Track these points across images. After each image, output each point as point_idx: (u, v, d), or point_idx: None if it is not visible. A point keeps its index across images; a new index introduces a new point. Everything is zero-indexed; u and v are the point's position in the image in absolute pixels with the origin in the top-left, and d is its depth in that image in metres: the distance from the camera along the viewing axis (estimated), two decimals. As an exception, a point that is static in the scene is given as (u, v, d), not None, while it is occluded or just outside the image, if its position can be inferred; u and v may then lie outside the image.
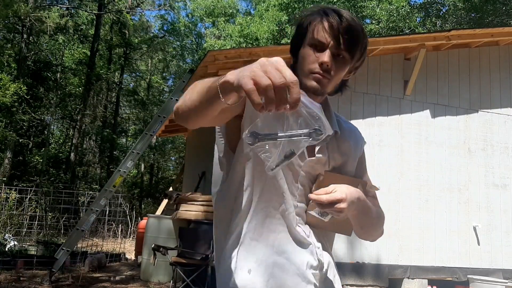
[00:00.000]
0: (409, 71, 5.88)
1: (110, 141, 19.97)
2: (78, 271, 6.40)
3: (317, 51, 1.10)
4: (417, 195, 5.80)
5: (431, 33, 6.33)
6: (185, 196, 5.79)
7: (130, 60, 22.15)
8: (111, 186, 5.72)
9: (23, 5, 13.77)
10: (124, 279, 6.07)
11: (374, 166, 5.67)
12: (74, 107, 18.16)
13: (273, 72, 0.75)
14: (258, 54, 5.05)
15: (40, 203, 10.59)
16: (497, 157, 6.26)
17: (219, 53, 5.15)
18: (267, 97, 0.74)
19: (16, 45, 16.07)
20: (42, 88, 17.11)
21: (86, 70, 17.40)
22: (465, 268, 5.76)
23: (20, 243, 8.01)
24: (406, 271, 5.53)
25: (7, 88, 12.04)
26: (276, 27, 18.73)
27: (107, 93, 22.26)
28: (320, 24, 1.10)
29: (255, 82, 0.74)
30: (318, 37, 1.10)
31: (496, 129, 6.31)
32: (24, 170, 16.03)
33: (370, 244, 5.49)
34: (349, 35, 1.08)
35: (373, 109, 5.79)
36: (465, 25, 14.46)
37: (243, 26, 19.49)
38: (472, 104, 6.26)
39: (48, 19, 15.31)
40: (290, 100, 0.75)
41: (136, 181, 22.17)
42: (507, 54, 6.60)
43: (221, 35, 22.09)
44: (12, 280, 5.43)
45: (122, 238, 10.79)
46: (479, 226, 5.94)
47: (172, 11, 25.20)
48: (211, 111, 0.95)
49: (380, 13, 15.95)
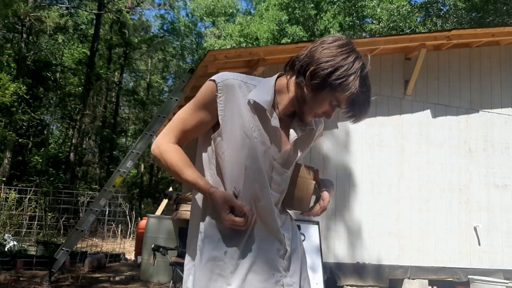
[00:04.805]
0: (410, 71, 5.86)
1: (109, 141, 19.97)
2: (77, 271, 6.38)
3: (331, 107, 1.30)
4: (418, 195, 5.79)
5: (432, 33, 6.31)
6: (185, 196, 5.78)
7: (130, 59, 22.13)
8: (111, 186, 5.70)
9: (22, 4, 13.75)
10: (124, 280, 6.05)
11: (375, 166, 5.66)
12: (73, 107, 18.15)
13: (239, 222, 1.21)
14: (258, 53, 5.03)
15: (39, 203, 10.57)
16: (498, 157, 6.24)
17: (219, 53, 5.14)
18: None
19: (15, 45, 16.06)
20: (41, 88, 17.09)
21: (86, 69, 17.39)
22: (466, 269, 5.74)
23: (19, 243, 7.99)
24: (407, 272, 5.51)
25: (6, 88, 12.01)
26: (276, 26, 18.71)
27: (107, 93, 22.25)
28: (351, 97, 1.25)
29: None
30: (340, 104, 1.28)
31: (497, 129, 6.30)
32: (23, 170, 16.01)
33: (370, 245, 5.47)
34: (365, 115, 1.31)
35: (373, 109, 5.76)
36: (465, 25, 14.44)
37: (243, 25, 19.48)
38: (472, 104, 6.25)
39: (47, 18, 15.30)
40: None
41: (136, 181, 22.16)
42: (508, 54, 6.58)
43: (221, 35, 22.08)
44: (11, 281, 5.42)
45: (122, 238, 10.78)
46: (480, 226, 5.93)
47: (172, 11, 25.21)
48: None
49: (381, 13, 15.94)
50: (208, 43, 21.13)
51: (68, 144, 19.65)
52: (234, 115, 1.28)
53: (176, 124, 1.34)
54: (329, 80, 1.22)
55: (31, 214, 9.45)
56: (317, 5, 18.58)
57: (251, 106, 1.29)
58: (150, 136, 5.84)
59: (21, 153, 16.39)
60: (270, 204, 1.29)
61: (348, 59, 1.22)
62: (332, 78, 1.21)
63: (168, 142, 1.32)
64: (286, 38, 18.20)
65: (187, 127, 1.33)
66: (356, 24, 18.42)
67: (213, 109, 1.29)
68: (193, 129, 1.33)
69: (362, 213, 5.51)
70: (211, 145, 1.33)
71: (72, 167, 16.86)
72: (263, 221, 1.29)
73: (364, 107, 1.28)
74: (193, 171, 1.28)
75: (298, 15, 19.00)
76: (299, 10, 18.87)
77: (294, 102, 1.32)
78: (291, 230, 1.37)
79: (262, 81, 1.35)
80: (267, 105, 1.28)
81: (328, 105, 1.28)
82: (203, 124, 1.32)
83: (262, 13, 20.14)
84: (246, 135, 1.27)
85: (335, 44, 1.24)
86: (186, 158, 1.30)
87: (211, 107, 1.29)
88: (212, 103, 1.28)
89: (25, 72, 15.05)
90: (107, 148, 20.72)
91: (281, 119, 1.33)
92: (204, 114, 1.30)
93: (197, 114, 1.31)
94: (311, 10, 18.68)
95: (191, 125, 1.32)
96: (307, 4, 18.62)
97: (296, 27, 18.31)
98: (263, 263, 1.26)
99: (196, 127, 1.33)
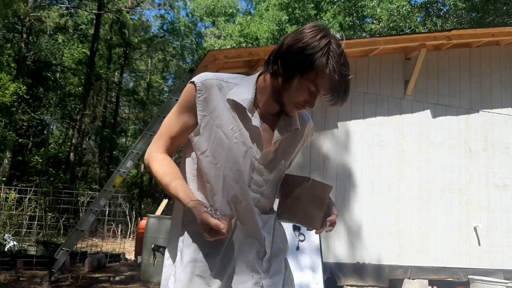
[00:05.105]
0: (410, 71, 5.86)
1: (109, 141, 19.97)
2: (77, 271, 6.38)
3: (309, 95, 1.22)
4: (418, 195, 5.79)
5: (432, 33, 6.31)
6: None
7: (129, 59, 22.14)
8: (111, 186, 5.70)
9: (22, 4, 13.75)
10: (124, 280, 6.05)
11: (375, 166, 5.66)
12: (73, 107, 18.15)
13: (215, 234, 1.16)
14: (258, 53, 5.03)
15: (39, 203, 10.57)
16: (498, 157, 6.24)
17: (219, 53, 5.14)
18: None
19: (15, 45, 16.06)
20: (41, 88, 17.10)
21: (86, 70, 17.39)
22: (466, 269, 5.74)
23: (19, 243, 7.99)
24: (407, 272, 5.51)
25: (6, 88, 12.01)
26: (276, 26, 18.72)
27: (107, 93, 22.25)
28: (325, 78, 1.17)
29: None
30: (319, 89, 1.20)
31: (497, 129, 6.30)
32: (23, 170, 16.01)
33: (370, 245, 5.47)
34: (345, 98, 1.21)
35: (373, 109, 5.77)
36: (465, 25, 14.44)
37: (243, 25, 19.48)
38: (472, 104, 6.25)
39: (47, 18, 15.29)
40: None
41: (136, 181, 22.16)
42: (508, 54, 6.58)
43: (221, 35, 22.09)
44: (11, 281, 5.42)
45: (122, 238, 10.78)
46: (480, 226, 5.93)
47: (172, 11, 25.21)
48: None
49: (381, 13, 15.94)
50: (208, 43, 21.14)
51: (68, 144, 19.65)
52: (213, 115, 1.26)
53: (163, 131, 1.33)
54: (298, 62, 1.17)
55: (31, 214, 9.45)
56: (317, 5, 18.58)
57: (231, 105, 1.26)
58: (150, 136, 5.84)
59: (21, 153, 16.40)
60: (250, 205, 1.27)
61: (315, 38, 1.16)
62: (299, 59, 1.16)
63: (157, 152, 1.32)
64: (286, 38, 18.17)
65: (173, 133, 1.31)
66: (356, 24, 18.42)
67: (194, 110, 1.27)
68: (179, 134, 1.31)
69: (362, 213, 5.51)
70: (193, 149, 1.32)
71: (72, 167, 16.86)
72: (243, 223, 1.28)
73: (341, 88, 1.18)
74: (176, 182, 1.25)
75: (298, 15, 19.01)
76: (299, 10, 18.88)
77: (274, 96, 1.27)
78: (273, 232, 1.35)
79: (243, 79, 1.32)
80: (246, 104, 1.25)
81: (306, 92, 1.21)
82: (188, 127, 1.29)
83: (262, 13, 20.15)
84: (225, 136, 1.25)
85: (305, 28, 1.20)
86: (171, 169, 1.28)
87: (192, 109, 1.27)
88: (193, 105, 1.26)
89: (25, 72, 15.05)
90: (107, 148, 20.72)
91: (265, 117, 1.30)
92: (187, 117, 1.29)
93: (180, 118, 1.30)
94: (311, 10, 18.68)
95: (176, 130, 1.31)
96: (307, 4, 18.63)
97: (296, 27, 18.31)
98: (243, 265, 1.26)
99: (181, 131, 1.31)
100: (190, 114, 1.28)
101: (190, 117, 1.28)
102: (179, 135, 1.31)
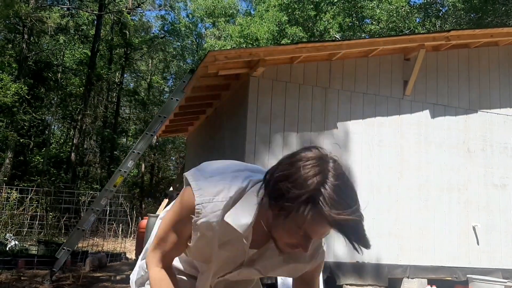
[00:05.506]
0: (409, 71, 5.89)
1: (110, 141, 19.99)
2: (78, 270, 6.42)
3: (302, 237, 1.01)
4: (417, 195, 5.82)
5: (431, 34, 6.34)
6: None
7: (130, 60, 22.16)
8: (112, 186, 5.74)
9: (24, 5, 13.79)
10: (125, 279, 6.08)
11: (374, 166, 5.69)
12: (74, 107, 18.19)
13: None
14: (258, 54, 5.06)
15: (41, 202, 10.60)
16: (497, 157, 6.27)
17: (219, 54, 5.16)
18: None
19: (17, 46, 16.10)
20: (43, 88, 17.15)
21: (87, 70, 17.41)
22: (465, 268, 5.77)
23: (21, 242, 8.04)
24: (406, 271, 5.54)
25: (8, 88, 12.06)
26: (276, 27, 18.75)
27: (108, 93, 22.29)
28: (315, 224, 0.96)
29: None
30: (310, 235, 1.00)
31: (495, 129, 6.33)
32: (25, 170, 16.05)
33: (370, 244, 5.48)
34: (359, 241, 1.07)
35: (372, 109, 5.81)
36: (464, 26, 14.46)
37: (243, 26, 19.51)
38: (471, 104, 6.28)
39: (49, 19, 15.32)
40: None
41: (137, 181, 22.19)
42: (506, 55, 6.61)
43: (221, 36, 22.13)
44: (13, 280, 5.45)
45: (123, 238, 10.81)
46: (479, 226, 5.96)
47: (172, 12, 25.22)
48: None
49: (380, 14, 15.96)
50: (208, 43, 21.16)
51: (69, 144, 19.68)
52: (204, 245, 1.15)
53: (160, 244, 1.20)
54: (284, 201, 0.94)
55: (32, 213, 9.50)
56: (316, 6, 18.60)
57: (225, 224, 1.08)
58: (150, 136, 5.88)
59: (23, 153, 16.44)
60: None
61: (307, 174, 0.92)
62: (286, 198, 0.94)
63: (156, 267, 1.21)
64: (286, 39, 18.23)
65: (166, 249, 1.19)
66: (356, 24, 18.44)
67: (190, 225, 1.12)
68: (176, 247, 1.19)
69: (362, 212, 5.53)
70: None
71: (73, 167, 16.88)
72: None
73: (345, 232, 0.99)
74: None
75: (298, 16, 19.03)
76: (299, 11, 18.90)
77: (267, 226, 1.05)
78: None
79: (247, 195, 1.08)
80: (243, 229, 1.07)
81: (298, 234, 0.99)
82: (186, 238, 1.17)
83: (262, 14, 20.18)
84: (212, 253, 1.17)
85: (300, 160, 0.96)
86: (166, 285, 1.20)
87: (189, 224, 1.11)
88: (188, 222, 1.11)
89: (27, 72, 15.10)
90: (108, 148, 20.75)
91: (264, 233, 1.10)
92: (185, 230, 1.15)
93: (177, 233, 1.16)
94: (310, 11, 18.70)
95: (173, 243, 1.18)
96: (306, 5, 18.65)
97: (296, 28, 18.35)
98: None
99: (179, 243, 1.17)
100: (187, 227, 1.13)
101: (188, 229, 1.14)
102: (177, 247, 1.20)
